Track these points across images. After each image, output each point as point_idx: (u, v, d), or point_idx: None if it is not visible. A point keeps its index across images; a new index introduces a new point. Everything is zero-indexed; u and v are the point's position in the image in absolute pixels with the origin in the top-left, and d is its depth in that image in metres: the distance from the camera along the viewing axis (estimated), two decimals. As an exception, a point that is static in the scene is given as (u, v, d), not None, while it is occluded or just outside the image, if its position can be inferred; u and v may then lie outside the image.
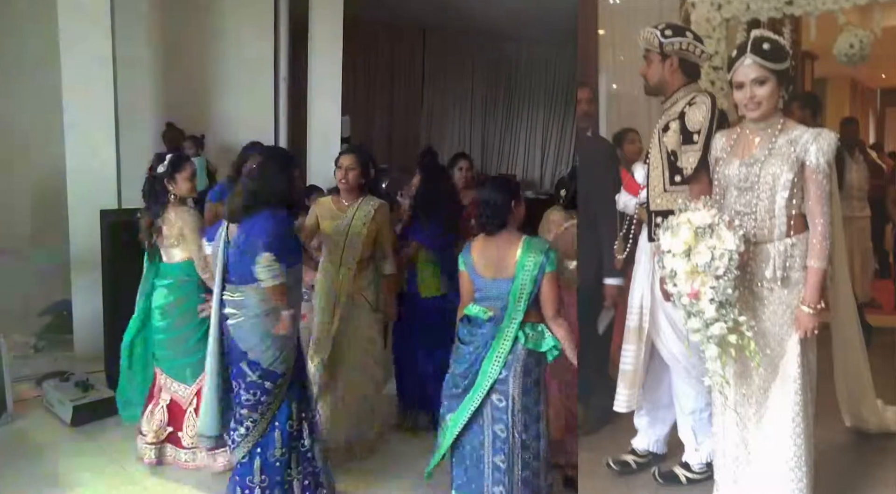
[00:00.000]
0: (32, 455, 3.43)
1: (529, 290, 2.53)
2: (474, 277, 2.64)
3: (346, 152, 3.50)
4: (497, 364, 2.54)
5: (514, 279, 2.54)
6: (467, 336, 2.64)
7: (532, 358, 2.57)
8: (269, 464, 2.79)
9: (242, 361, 2.74)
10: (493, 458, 2.59)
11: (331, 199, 3.53)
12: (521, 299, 2.53)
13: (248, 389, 2.75)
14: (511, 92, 11.08)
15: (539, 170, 11.46)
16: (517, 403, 2.55)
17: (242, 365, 2.74)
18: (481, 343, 2.58)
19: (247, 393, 2.75)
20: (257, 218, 2.70)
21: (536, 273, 2.52)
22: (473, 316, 2.64)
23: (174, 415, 3.28)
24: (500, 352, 2.54)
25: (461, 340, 2.67)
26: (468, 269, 2.66)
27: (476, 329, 2.62)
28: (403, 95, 10.31)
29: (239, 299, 2.75)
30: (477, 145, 10.87)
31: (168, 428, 3.28)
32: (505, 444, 2.56)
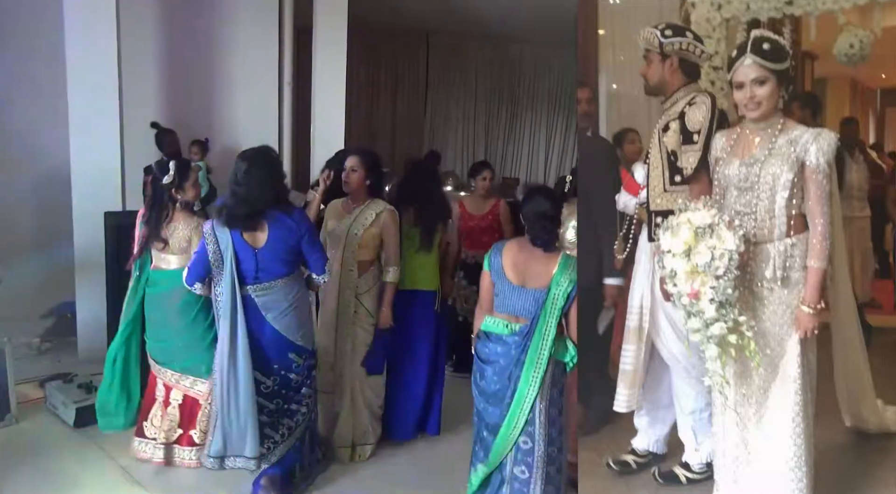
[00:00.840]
0: (35, 457, 3.42)
1: (561, 305, 2.54)
2: (501, 281, 2.62)
3: (350, 154, 3.51)
4: (534, 387, 2.52)
5: (548, 292, 2.53)
6: (488, 354, 2.62)
7: (558, 369, 2.59)
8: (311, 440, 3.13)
9: (290, 352, 2.93)
10: (514, 468, 2.58)
11: (341, 202, 3.55)
12: (552, 314, 2.53)
13: (300, 373, 2.97)
14: (514, 95, 11.06)
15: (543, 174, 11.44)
16: (544, 415, 2.55)
17: (291, 355, 2.93)
18: (509, 361, 2.55)
19: (298, 376, 2.97)
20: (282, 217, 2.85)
21: (571, 290, 2.54)
22: (493, 332, 2.62)
23: (187, 413, 3.29)
24: (537, 370, 2.53)
25: (480, 358, 2.65)
26: (494, 272, 2.64)
27: (496, 346, 2.60)
28: (407, 99, 10.29)
29: (274, 294, 2.89)
30: (480, 148, 10.86)
31: (179, 430, 3.27)
32: (528, 456, 2.56)
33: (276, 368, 2.91)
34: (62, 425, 3.77)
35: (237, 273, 2.83)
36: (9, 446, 3.50)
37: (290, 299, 2.91)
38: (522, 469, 2.57)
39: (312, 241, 2.93)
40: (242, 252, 2.84)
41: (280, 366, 2.92)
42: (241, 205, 2.79)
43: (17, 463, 3.33)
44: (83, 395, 3.82)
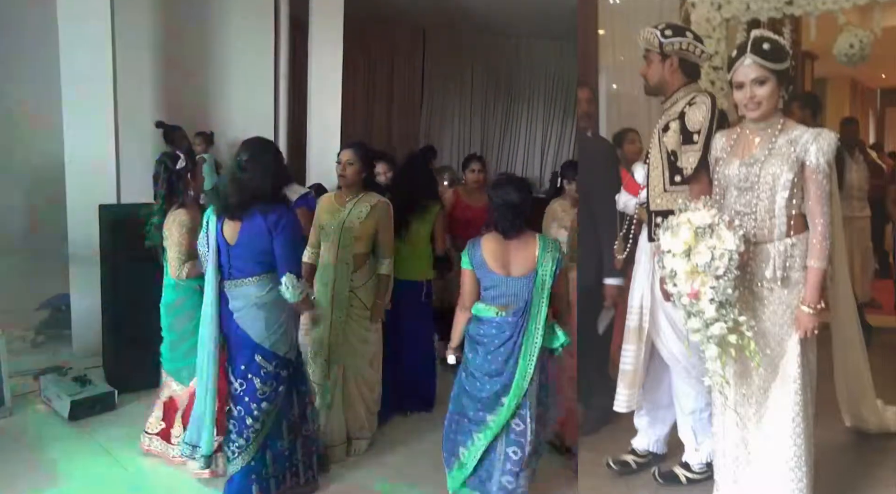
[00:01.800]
0: (30, 450, 3.43)
1: (548, 285, 2.62)
2: (486, 275, 2.67)
3: (345, 147, 3.53)
4: (531, 364, 2.59)
5: (536, 275, 2.61)
6: (482, 336, 2.68)
7: (545, 355, 2.66)
8: (279, 454, 2.90)
9: (256, 354, 2.79)
10: (507, 448, 2.66)
11: (333, 195, 3.57)
12: (542, 294, 2.61)
13: (266, 381, 2.80)
14: (511, 90, 11.04)
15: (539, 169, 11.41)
16: (534, 397, 2.63)
17: (257, 358, 2.79)
18: (504, 340, 2.62)
19: (264, 384, 2.80)
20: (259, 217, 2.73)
21: (554, 268, 2.62)
22: (484, 316, 2.68)
23: (168, 413, 3.34)
24: (532, 353, 2.60)
25: (474, 340, 2.70)
26: (477, 267, 2.68)
27: (489, 328, 2.66)
28: (403, 93, 10.29)
29: (242, 292, 2.79)
30: (476, 143, 10.84)
31: (162, 424, 3.34)
32: (521, 437, 2.63)
33: (243, 370, 2.81)
34: (56, 418, 3.78)
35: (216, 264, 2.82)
36: (3, 438, 3.52)
37: (257, 299, 2.78)
38: (515, 449, 2.66)
39: (284, 246, 2.74)
40: (221, 244, 2.81)
41: (247, 369, 2.80)
42: (238, 192, 2.74)
43: (11, 456, 3.34)
44: (77, 388, 3.84)
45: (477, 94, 10.83)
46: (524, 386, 2.60)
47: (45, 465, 3.28)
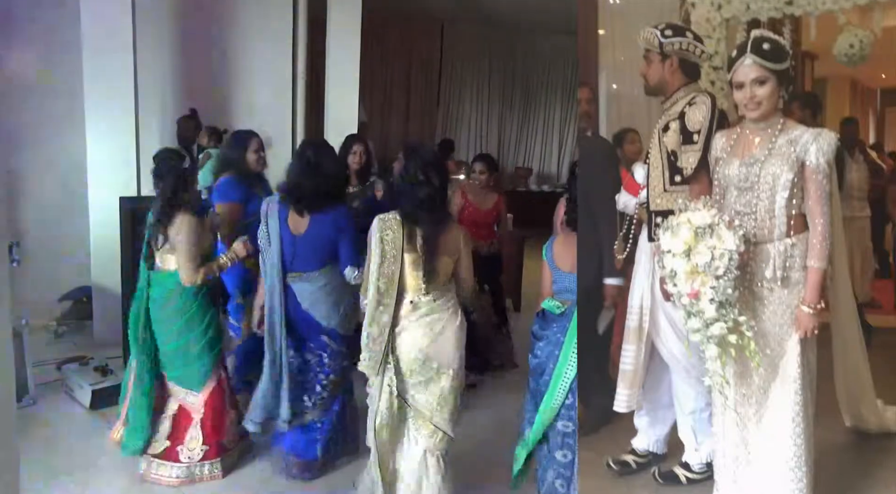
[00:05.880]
0: (52, 438, 3.51)
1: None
2: (553, 269, 2.76)
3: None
4: (571, 366, 2.59)
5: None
6: (540, 331, 2.74)
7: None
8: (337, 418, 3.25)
9: (323, 335, 3.13)
10: (557, 453, 2.66)
11: None
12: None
13: (332, 356, 3.17)
14: (528, 84, 11.02)
15: (556, 164, 11.38)
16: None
17: (324, 338, 3.14)
18: (553, 340, 2.66)
19: (332, 360, 3.17)
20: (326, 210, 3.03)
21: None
22: (548, 310, 2.74)
23: (178, 426, 3.18)
24: (573, 354, 2.61)
25: (534, 335, 2.77)
26: (549, 262, 2.79)
27: (549, 323, 2.71)
28: (421, 88, 10.31)
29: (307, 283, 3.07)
30: (494, 138, 10.84)
31: (167, 442, 3.15)
32: (570, 438, 2.64)
33: (313, 347, 3.14)
34: (78, 407, 3.87)
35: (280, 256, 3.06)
36: (26, 427, 3.58)
37: (324, 287, 3.09)
38: (565, 452, 2.66)
39: (350, 242, 3.07)
40: (285, 236, 3.06)
41: (317, 347, 3.15)
42: (314, 184, 2.99)
43: (34, 444, 3.40)
44: (99, 378, 3.94)
45: (494, 88, 10.83)
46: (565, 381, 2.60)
47: (66, 453, 3.36)
